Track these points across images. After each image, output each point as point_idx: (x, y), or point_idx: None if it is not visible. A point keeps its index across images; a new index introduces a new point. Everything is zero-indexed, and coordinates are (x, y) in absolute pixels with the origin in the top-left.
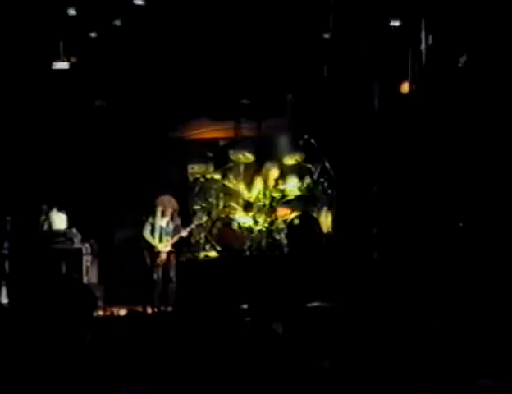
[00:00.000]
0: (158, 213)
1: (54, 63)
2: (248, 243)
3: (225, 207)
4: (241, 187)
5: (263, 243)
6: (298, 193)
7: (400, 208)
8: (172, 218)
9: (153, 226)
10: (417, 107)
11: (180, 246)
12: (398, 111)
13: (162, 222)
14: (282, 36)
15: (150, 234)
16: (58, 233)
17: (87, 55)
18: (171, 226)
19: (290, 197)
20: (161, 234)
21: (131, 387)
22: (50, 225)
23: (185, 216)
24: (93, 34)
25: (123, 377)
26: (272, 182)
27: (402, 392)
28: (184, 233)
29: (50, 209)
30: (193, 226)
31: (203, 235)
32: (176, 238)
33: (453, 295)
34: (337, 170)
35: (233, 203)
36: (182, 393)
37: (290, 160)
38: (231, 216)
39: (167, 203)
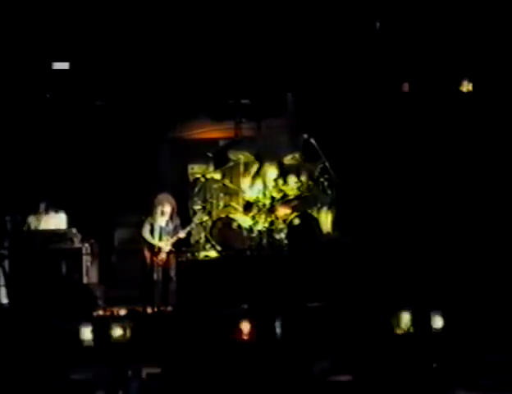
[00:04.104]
0: (158, 213)
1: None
2: (248, 243)
3: (225, 207)
4: (241, 187)
5: (263, 243)
6: (298, 193)
7: (399, 207)
8: (171, 217)
9: (152, 226)
10: (417, 107)
11: (180, 246)
12: (398, 110)
13: (161, 221)
14: (282, 36)
15: (150, 234)
16: (58, 233)
17: (87, 55)
18: (171, 226)
19: (290, 197)
20: (160, 234)
21: (140, 381)
22: (39, 225)
23: (185, 216)
24: (93, 34)
25: (124, 374)
26: (270, 182)
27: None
28: (182, 234)
29: (47, 209)
30: (193, 225)
31: (203, 235)
32: (175, 238)
33: (454, 294)
34: (337, 170)
35: (233, 203)
36: (182, 391)
37: (290, 160)
38: (231, 216)
39: (165, 202)
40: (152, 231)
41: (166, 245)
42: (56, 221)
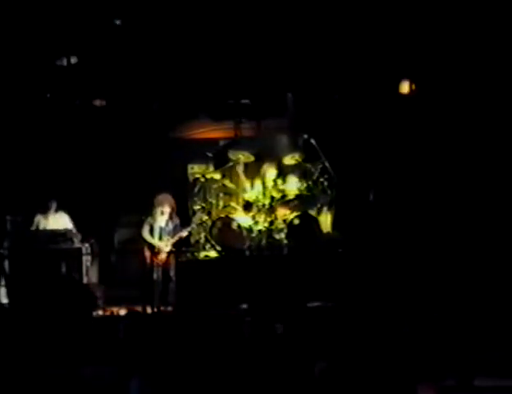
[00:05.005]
0: (157, 213)
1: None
2: (248, 243)
3: (225, 207)
4: (241, 187)
5: (263, 243)
6: (297, 193)
7: (399, 208)
8: (171, 217)
9: (151, 226)
10: (416, 108)
11: (179, 246)
12: (397, 110)
13: (161, 221)
14: (282, 36)
15: (149, 234)
16: (58, 233)
17: (87, 55)
18: (171, 226)
19: (290, 197)
20: (160, 234)
21: (141, 381)
22: (47, 224)
23: (184, 216)
24: (93, 34)
25: (124, 374)
26: (270, 182)
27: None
28: (184, 233)
29: (57, 208)
30: (193, 225)
31: (203, 235)
32: (176, 238)
33: (451, 295)
34: (337, 170)
35: (233, 203)
36: (182, 391)
37: (290, 160)
38: (231, 216)
39: (165, 201)
40: (151, 231)
41: (166, 245)
42: (63, 220)
